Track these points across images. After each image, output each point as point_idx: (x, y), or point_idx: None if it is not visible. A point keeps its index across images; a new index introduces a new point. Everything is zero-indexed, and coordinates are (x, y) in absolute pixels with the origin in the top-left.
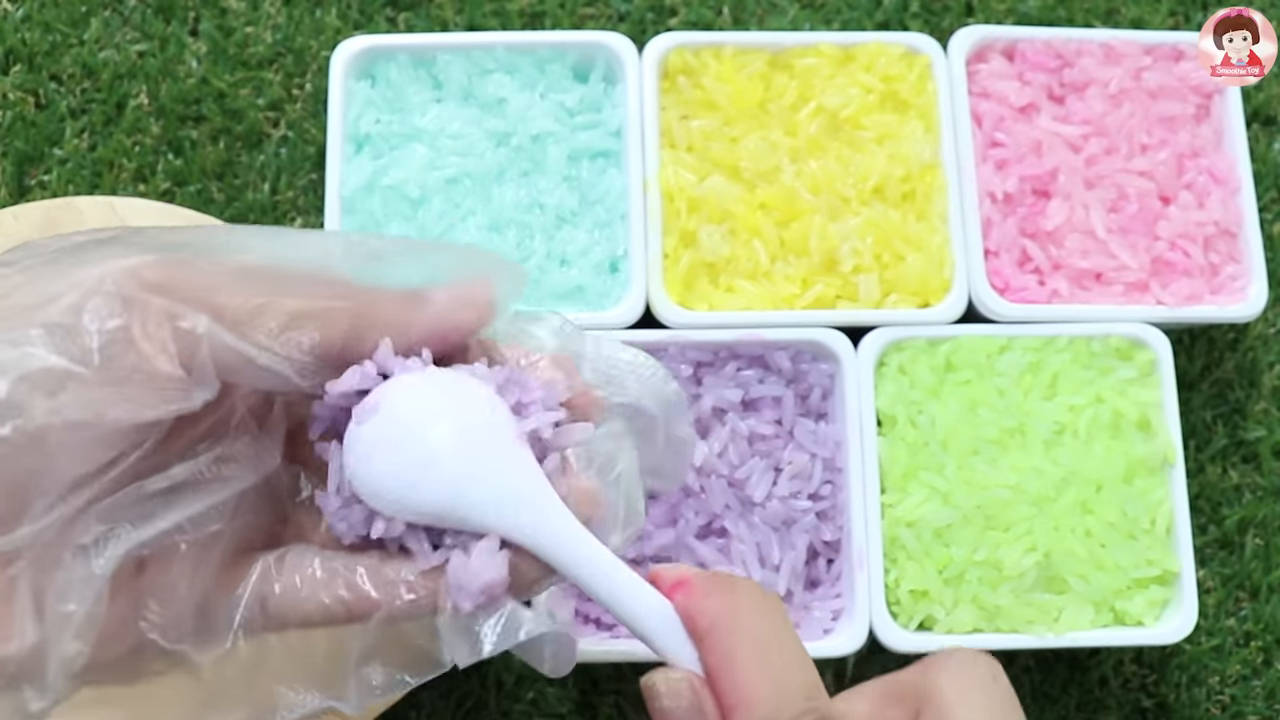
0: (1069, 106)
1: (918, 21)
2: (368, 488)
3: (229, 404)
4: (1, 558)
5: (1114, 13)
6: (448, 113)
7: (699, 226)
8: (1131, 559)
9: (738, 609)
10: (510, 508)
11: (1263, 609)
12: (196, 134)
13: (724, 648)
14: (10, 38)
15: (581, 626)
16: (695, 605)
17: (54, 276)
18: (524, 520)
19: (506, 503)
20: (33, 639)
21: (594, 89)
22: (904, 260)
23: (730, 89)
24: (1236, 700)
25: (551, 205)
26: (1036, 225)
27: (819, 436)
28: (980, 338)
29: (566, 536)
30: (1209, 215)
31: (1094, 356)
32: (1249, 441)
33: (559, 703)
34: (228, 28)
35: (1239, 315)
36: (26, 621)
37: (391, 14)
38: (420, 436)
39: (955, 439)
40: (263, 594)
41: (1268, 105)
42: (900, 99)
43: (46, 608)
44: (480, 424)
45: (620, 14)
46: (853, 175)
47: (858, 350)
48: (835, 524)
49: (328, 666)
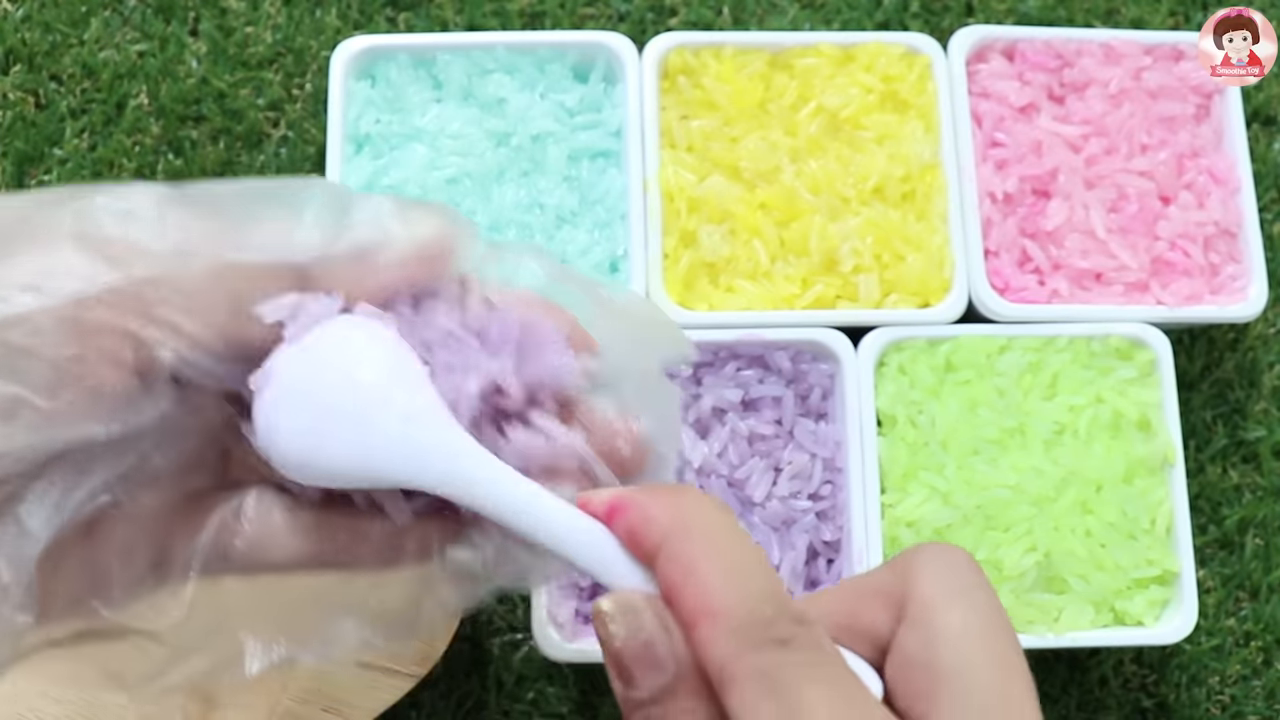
0: (1069, 106)
1: (918, 21)
2: (278, 458)
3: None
4: None
5: (1114, 13)
6: (448, 113)
7: (699, 226)
8: (1131, 559)
9: (689, 517)
10: (418, 460)
11: (1263, 609)
12: (196, 134)
13: (682, 558)
14: (10, 38)
15: (581, 627)
16: (639, 522)
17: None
18: (436, 468)
19: (413, 455)
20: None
21: (594, 89)
22: (904, 260)
23: (730, 89)
24: (1236, 700)
25: (551, 205)
26: (1036, 225)
27: (819, 436)
28: (980, 338)
29: (484, 477)
30: (1209, 215)
31: (1094, 356)
32: (1249, 441)
33: (559, 703)
34: (228, 28)
35: (1239, 315)
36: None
37: (391, 14)
38: (315, 400)
39: (955, 439)
40: (223, 546)
41: (1268, 105)
42: (900, 99)
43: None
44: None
45: (620, 14)
46: (853, 175)
47: (858, 350)
48: (835, 524)
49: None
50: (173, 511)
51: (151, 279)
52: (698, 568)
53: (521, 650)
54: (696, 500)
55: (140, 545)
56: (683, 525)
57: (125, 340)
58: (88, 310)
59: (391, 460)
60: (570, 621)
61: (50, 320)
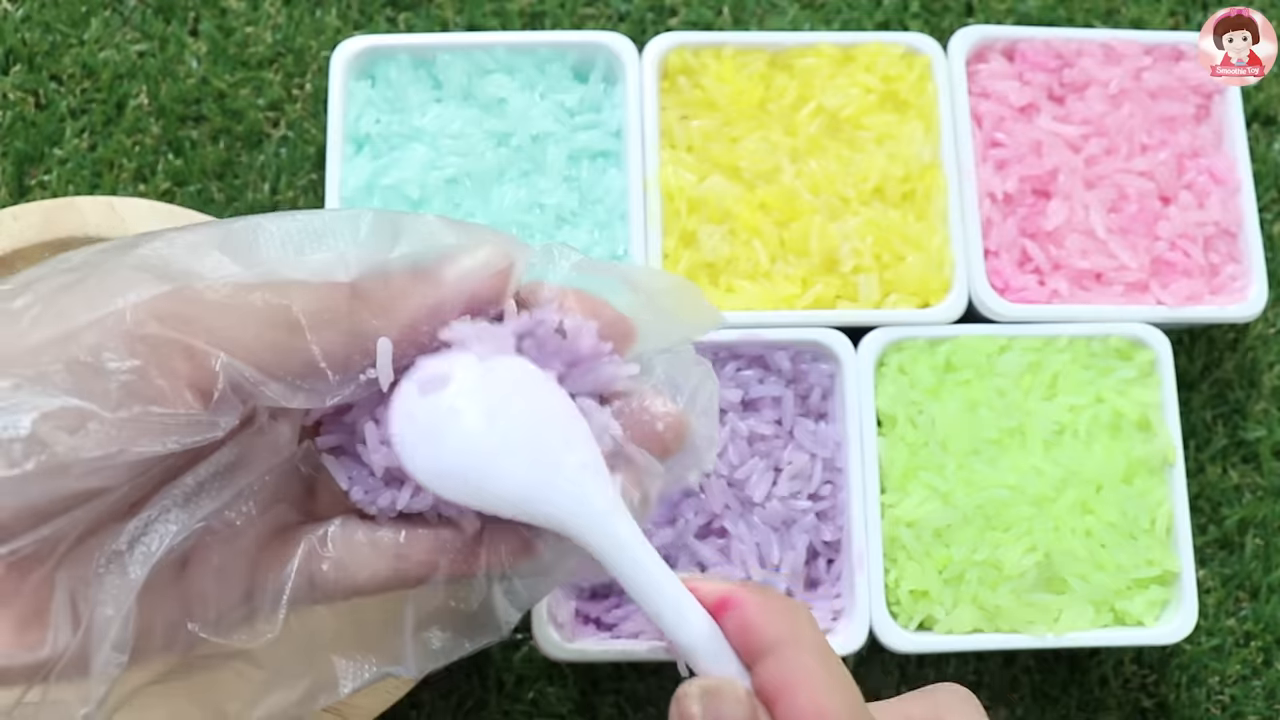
0: (1069, 106)
1: (918, 21)
2: (426, 467)
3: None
4: (30, 560)
5: (1114, 13)
6: (448, 113)
7: (699, 226)
8: (1131, 559)
9: (802, 630)
10: (577, 507)
11: (1263, 609)
12: (196, 134)
13: (798, 665)
14: (10, 38)
15: (581, 627)
16: (754, 622)
17: (71, 306)
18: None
19: (579, 513)
20: (66, 642)
21: (594, 89)
22: (904, 260)
23: (730, 89)
24: (1236, 700)
25: (551, 205)
26: (1036, 225)
27: (819, 436)
28: (980, 338)
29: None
30: (1209, 215)
31: (1094, 356)
32: (1249, 441)
33: (559, 703)
34: (228, 28)
35: (1239, 315)
36: (62, 626)
37: (391, 14)
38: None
39: (955, 439)
40: (310, 572)
41: (1268, 105)
42: (900, 99)
43: (84, 614)
44: (566, 420)
45: (620, 14)
46: (853, 175)
47: (858, 350)
48: (835, 524)
49: (383, 633)
50: (262, 546)
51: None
52: (814, 676)
53: (521, 650)
54: (806, 614)
55: (233, 573)
56: (797, 636)
57: (180, 351)
58: (141, 326)
59: (551, 500)
60: (570, 622)
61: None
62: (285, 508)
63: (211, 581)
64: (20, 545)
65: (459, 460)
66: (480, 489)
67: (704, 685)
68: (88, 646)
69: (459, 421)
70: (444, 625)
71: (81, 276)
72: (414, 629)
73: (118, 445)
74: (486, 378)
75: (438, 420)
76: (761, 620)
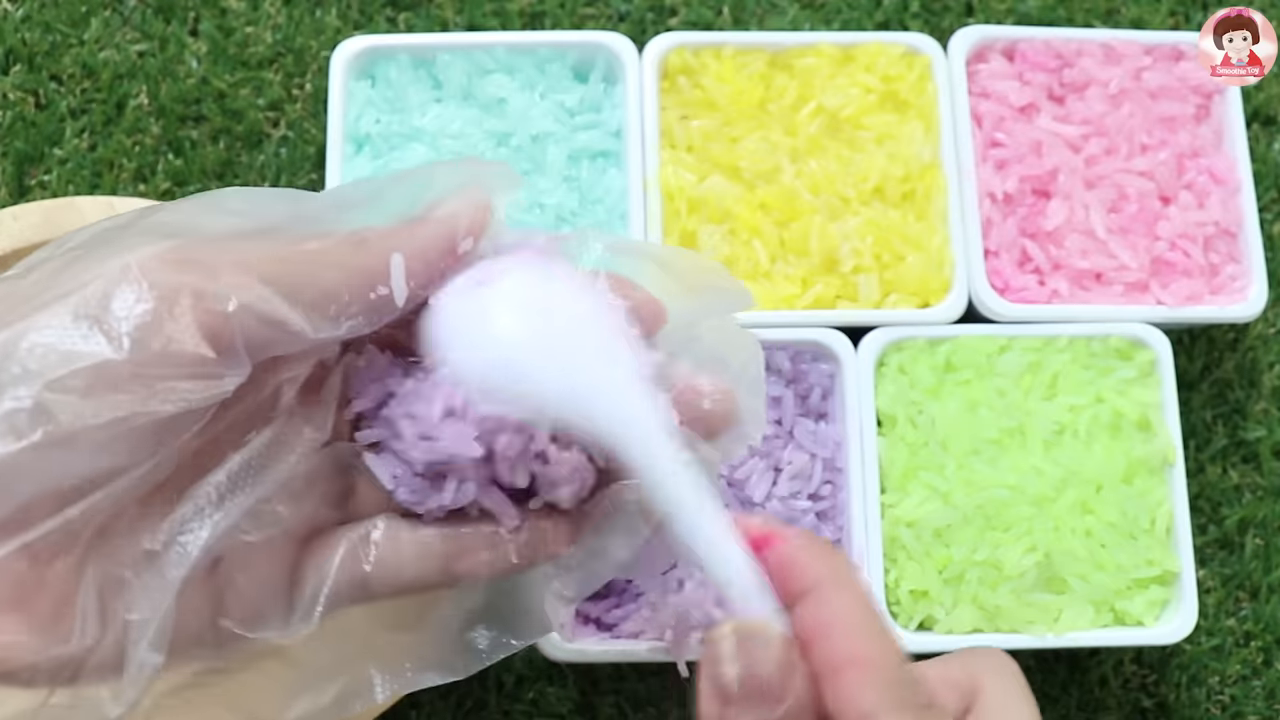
0: (1069, 106)
1: (918, 21)
2: (464, 368)
3: (272, 385)
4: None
5: (1114, 13)
6: (448, 113)
7: (699, 226)
8: (1131, 559)
9: (842, 572)
10: (621, 427)
11: (1263, 609)
12: (196, 134)
13: (837, 606)
14: (10, 38)
15: (581, 627)
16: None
17: (79, 271)
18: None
19: (621, 420)
20: (95, 639)
21: (594, 89)
22: (904, 260)
23: (730, 89)
24: (1236, 700)
25: (551, 205)
26: (1036, 225)
27: (819, 436)
28: (980, 338)
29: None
30: (1209, 215)
31: (1094, 356)
32: (1249, 441)
33: (559, 703)
34: (228, 28)
35: (1239, 315)
36: (90, 621)
37: (391, 14)
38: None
39: (955, 439)
40: (352, 571)
41: (1268, 105)
42: (900, 99)
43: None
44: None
45: (620, 14)
46: (853, 175)
47: (858, 350)
48: (835, 524)
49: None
50: (299, 543)
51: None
52: (853, 620)
53: (522, 650)
54: (847, 560)
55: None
56: (838, 577)
57: (190, 295)
58: (150, 273)
59: (594, 409)
60: (570, 622)
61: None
62: (322, 505)
63: (247, 578)
64: (40, 533)
65: (498, 357)
66: (520, 394)
67: (737, 626)
68: (122, 646)
69: (499, 320)
70: (489, 624)
71: (89, 249)
72: (460, 629)
73: (126, 409)
74: (536, 284)
75: (478, 319)
76: (804, 559)
